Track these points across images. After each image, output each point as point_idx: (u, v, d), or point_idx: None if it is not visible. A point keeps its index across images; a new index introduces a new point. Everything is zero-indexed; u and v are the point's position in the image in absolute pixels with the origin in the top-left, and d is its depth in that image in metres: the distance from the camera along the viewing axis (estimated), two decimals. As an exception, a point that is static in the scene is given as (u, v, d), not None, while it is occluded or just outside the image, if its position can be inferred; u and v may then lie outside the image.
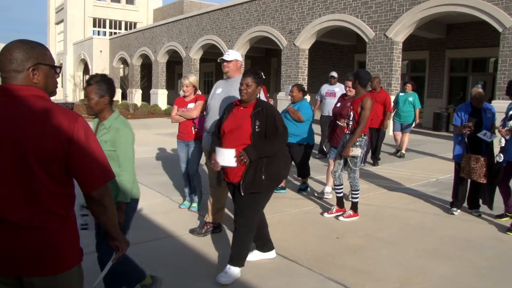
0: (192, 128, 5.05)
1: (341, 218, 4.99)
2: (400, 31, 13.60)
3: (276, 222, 4.85)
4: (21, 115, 1.56)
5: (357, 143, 4.90)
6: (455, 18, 14.93)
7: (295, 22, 17.02)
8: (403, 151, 9.56)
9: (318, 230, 4.62)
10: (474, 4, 11.59)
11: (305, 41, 16.82)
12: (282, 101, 17.61)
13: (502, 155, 4.81)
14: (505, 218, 5.00)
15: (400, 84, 14.59)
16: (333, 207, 5.20)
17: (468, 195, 5.35)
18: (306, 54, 17.28)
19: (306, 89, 6.18)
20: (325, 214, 5.12)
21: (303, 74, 17.33)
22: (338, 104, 5.99)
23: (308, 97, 6.41)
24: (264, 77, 3.50)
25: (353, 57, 19.73)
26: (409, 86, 9.64)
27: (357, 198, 5.08)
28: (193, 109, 5.01)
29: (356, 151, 4.89)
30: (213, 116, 4.17)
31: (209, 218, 4.43)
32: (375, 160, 8.43)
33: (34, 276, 1.63)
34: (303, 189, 6.30)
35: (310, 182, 6.76)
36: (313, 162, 5.92)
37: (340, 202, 5.15)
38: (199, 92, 5.24)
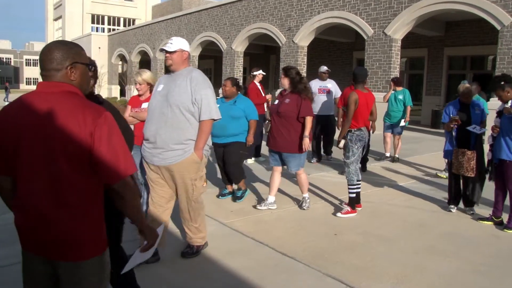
0: None
1: (338, 214, 5.01)
2: (398, 29, 13.61)
3: (275, 219, 4.87)
4: (52, 109, 1.68)
5: (348, 137, 5.12)
6: (453, 16, 14.94)
7: (294, 19, 17.01)
8: (397, 155, 8.64)
9: (317, 227, 4.64)
10: (472, 1, 11.59)
11: (303, 38, 16.82)
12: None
13: (490, 153, 4.86)
14: (489, 222, 4.84)
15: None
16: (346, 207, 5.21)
17: (463, 192, 5.33)
18: (305, 51, 17.29)
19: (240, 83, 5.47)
20: (339, 215, 5.03)
21: (302, 71, 17.33)
22: (276, 101, 5.13)
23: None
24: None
25: (352, 55, 19.73)
26: (391, 84, 8.89)
27: (353, 193, 5.11)
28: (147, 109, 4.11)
29: (341, 143, 5.13)
30: (152, 119, 3.51)
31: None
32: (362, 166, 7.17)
33: (58, 261, 1.77)
34: (239, 197, 5.48)
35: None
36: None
37: (357, 199, 5.21)
38: None
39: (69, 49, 1.77)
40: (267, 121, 5.28)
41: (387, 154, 8.78)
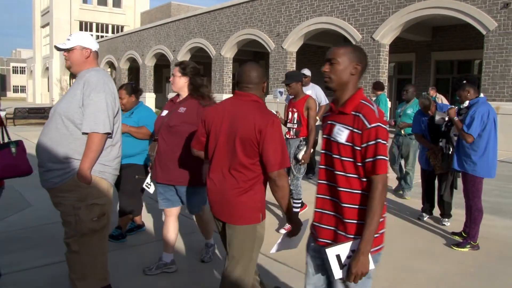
0: None
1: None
2: (386, 34, 13.75)
3: (267, 225, 4.84)
4: (240, 109, 2.39)
5: (300, 147, 4.71)
6: (440, 21, 15.15)
7: (283, 25, 17.10)
8: None
9: (307, 233, 4.62)
10: (458, 7, 11.77)
11: (292, 43, 16.91)
12: (270, 104, 17.68)
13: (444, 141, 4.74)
14: (458, 237, 4.51)
15: (387, 86, 14.72)
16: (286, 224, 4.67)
17: (438, 200, 5.09)
18: (293, 56, 17.38)
19: (138, 88, 4.39)
20: (281, 231, 4.65)
21: (291, 76, 17.38)
22: (164, 112, 3.55)
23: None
24: None
25: (341, 60, 19.87)
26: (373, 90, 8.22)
27: (298, 207, 4.80)
28: None
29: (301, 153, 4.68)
30: (41, 133, 2.80)
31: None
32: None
33: (226, 222, 2.43)
34: (133, 229, 4.52)
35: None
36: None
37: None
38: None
39: (263, 70, 2.51)
40: (154, 140, 3.90)
41: None
